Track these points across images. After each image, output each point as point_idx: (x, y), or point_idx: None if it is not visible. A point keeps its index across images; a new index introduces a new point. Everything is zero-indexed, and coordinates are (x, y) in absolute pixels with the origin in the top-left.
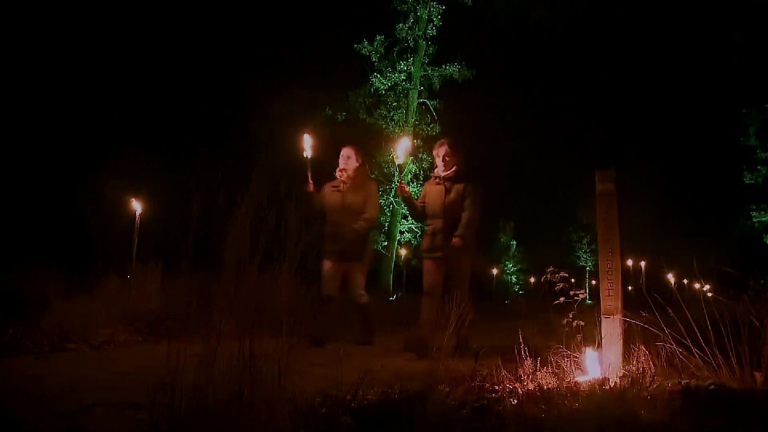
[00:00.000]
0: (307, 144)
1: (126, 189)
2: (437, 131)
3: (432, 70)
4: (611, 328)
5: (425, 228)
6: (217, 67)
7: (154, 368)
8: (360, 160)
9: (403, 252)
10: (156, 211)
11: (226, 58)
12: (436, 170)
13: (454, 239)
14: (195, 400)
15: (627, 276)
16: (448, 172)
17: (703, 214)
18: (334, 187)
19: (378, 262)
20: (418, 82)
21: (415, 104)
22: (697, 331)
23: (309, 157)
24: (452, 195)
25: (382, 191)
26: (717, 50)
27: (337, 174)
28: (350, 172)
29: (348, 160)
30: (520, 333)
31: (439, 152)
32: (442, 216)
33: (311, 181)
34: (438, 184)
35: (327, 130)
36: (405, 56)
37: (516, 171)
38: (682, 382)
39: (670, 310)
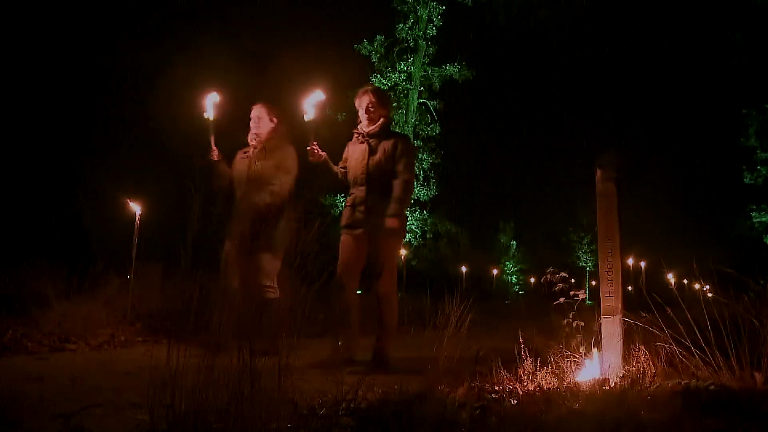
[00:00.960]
0: (210, 103)
1: (126, 189)
2: (437, 131)
3: (432, 70)
4: (611, 328)
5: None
6: (215, 67)
7: (154, 368)
8: (275, 120)
9: (403, 252)
10: (156, 211)
11: (225, 57)
12: (359, 125)
13: (388, 221)
14: (195, 401)
15: (627, 276)
16: (373, 126)
17: (703, 214)
18: (244, 153)
19: None
20: (418, 83)
21: (415, 104)
22: (697, 331)
23: (212, 119)
24: (378, 155)
25: None
26: (717, 50)
27: (250, 139)
28: (263, 136)
29: (259, 121)
30: (520, 333)
31: (362, 102)
32: (365, 182)
33: (215, 148)
34: (361, 142)
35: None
36: (405, 56)
37: (516, 171)
38: (683, 382)
39: (669, 311)
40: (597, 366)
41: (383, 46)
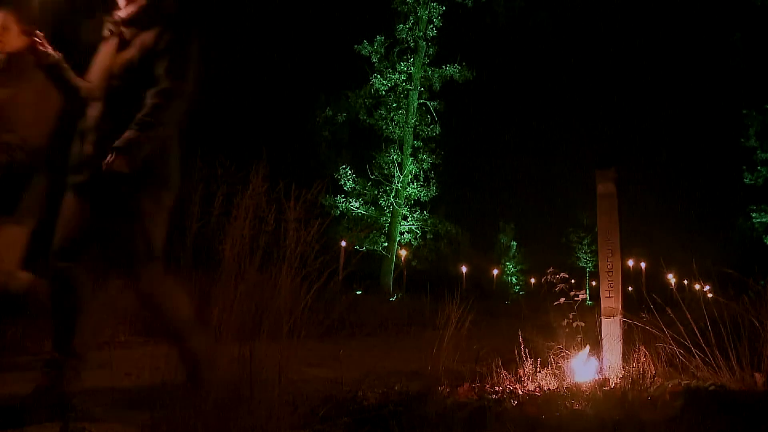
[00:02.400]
0: None
1: None
2: (437, 132)
3: (432, 70)
4: (611, 328)
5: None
6: (221, 70)
7: (154, 368)
8: (30, 33)
9: (403, 253)
10: None
11: (227, 57)
12: (115, 13)
13: (116, 159)
14: (195, 401)
15: (627, 277)
16: (131, 8)
17: (703, 214)
18: None
19: (378, 263)
20: (418, 83)
21: (416, 105)
22: (697, 331)
23: None
24: (130, 51)
25: (382, 192)
26: (717, 50)
27: None
28: (6, 54)
29: (3, 33)
30: (520, 334)
31: None
32: (103, 95)
33: None
34: (113, 35)
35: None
36: (405, 57)
37: (516, 172)
38: (683, 383)
39: (669, 311)
40: (597, 367)
41: (383, 47)
